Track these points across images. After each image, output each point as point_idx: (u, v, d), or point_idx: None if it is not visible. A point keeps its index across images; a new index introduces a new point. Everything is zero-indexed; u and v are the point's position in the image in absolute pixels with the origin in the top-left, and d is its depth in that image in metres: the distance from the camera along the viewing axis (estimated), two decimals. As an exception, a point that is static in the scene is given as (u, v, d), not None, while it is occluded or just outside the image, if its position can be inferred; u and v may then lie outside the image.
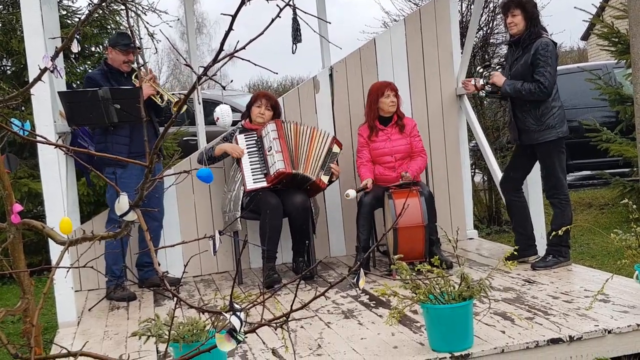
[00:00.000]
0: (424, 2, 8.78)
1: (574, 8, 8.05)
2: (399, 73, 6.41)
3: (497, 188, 6.58)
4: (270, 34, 1.91)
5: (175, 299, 1.97)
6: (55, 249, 4.43)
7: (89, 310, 5.15)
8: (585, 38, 23.08)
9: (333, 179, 5.71)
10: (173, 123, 1.90)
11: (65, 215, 4.57)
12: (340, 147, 5.72)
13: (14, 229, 2.48)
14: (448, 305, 3.49)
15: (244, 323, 1.78)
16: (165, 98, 5.40)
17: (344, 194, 5.44)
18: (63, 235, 2.30)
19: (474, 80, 5.42)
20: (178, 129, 9.20)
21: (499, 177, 6.15)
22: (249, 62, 1.95)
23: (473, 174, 7.84)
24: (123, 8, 8.68)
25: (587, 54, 23.74)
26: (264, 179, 5.47)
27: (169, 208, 5.88)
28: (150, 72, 5.58)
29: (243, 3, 1.78)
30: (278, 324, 1.95)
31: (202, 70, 1.81)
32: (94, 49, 8.83)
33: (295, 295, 2.04)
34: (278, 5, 1.80)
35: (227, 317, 1.77)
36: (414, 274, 3.61)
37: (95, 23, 8.56)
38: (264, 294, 2.07)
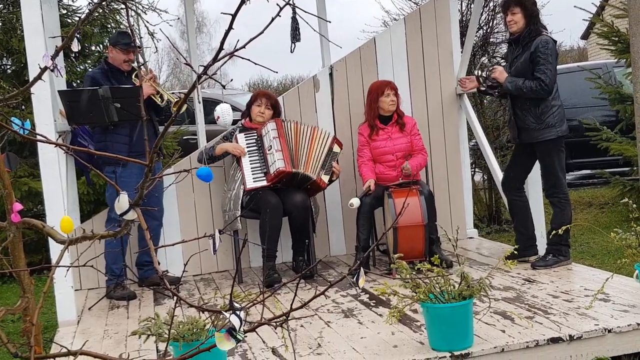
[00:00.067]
0: (424, 1, 8.75)
1: (574, 7, 8.06)
2: (399, 72, 6.40)
3: (497, 187, 6.58)
4: (270, 33, 1.91)
5: (175, 298, 1.97)
6: (55, 248, 4.43)
7: (89, 309, 5.15)
8: (585, 37, 23.06)
9: (333, 178, 5.71)
10: (173, 122, 1.89)
11: (66, 214, 4.57)
12: (341, 146, 5.72)
13: (14, 228, 2.48)
14: (448, 305, 3.49)
15: (244, 322, 1.78)
16: (165, 98, 5.40)
17: (348, 204, 5.42)
18: (63, 234, 2.30)
19: (477, 71, 5.40)
20: (178, 128, 9.20)
21: (499, 176, 6.15)
22: (249, 61, 1.95)
23: (473, 173, 7.84)
24: (123, 7, 8.68)
25: (587, 53, 23.74)
26: (264, 178, 5.47)
27: (169, 207, 5.88)
28: (150, 71, 5.58)
29: (243, 2, 1.78)
30: (278, 323, 1.95)
31: (202, 69, 1.81)
32: (94, 48, 8.82)
33: (295, 294, 2.04)
34: (278, 5, 1.80)
35: (227, 316, 1.77)
36: (414, 273, 3.60)
37: (96, 22, 8.56)
38: (264, 293, 2.07)
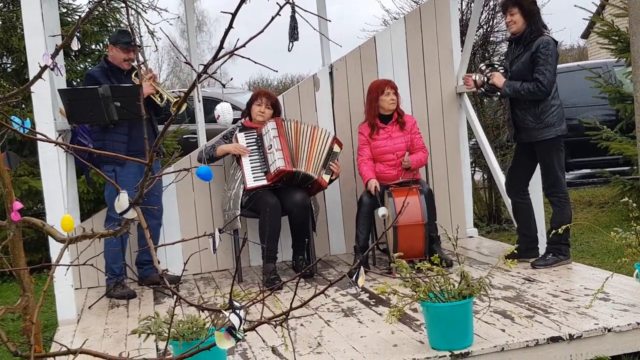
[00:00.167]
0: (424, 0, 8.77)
1: (574, 6, 8.05)
2: (399, 71, 6.40)
3: (497, 186, 6.58)
4: (270, 32, 1.91)
5: (175, 297, 1.97)
6: (55, 247, 4.43)
7: (89, 308, 5.15)
8: (586, 36, 23.05)
9: (333, 178, 5.71)
10: (173, 121, 1.89)
11: (66, 213, 4.57)
12: (341, 146, 5.72)
13: (14, 227, 2.48)
14: (448, 304, 3.49)
15: (244, 321, 1.78)
16: (165, 97, 5.39)
17: (380, 216, 5.29)
18: (63, 233, 2.30)
19: (475, 76, 5.42)
20: (178, 127, 9.19)
21: (499, 175, 6.15)
22: (249, 60, 1.95)
23: (473, 172, 7.84)
24: (123, 6, 8.68)
25: (587, 52, 23.72)
26: (264, 177, 5.47)
27: (169, 206, 5.88)
28: (150, 71, 5.58)
29: (243, 1, 1.78)
30: (278, 322, 1.95)
31: (202, 68, 1.81)
32: (94, 47, 8.82)
33: (295, 293, 2.04)
34: (278, 4, 1.80)
35: (226, 315, 1.77)
36: (414, 272, 3.60)
37: (96, 21, 8.55)
38: (264, 292, 2.07)
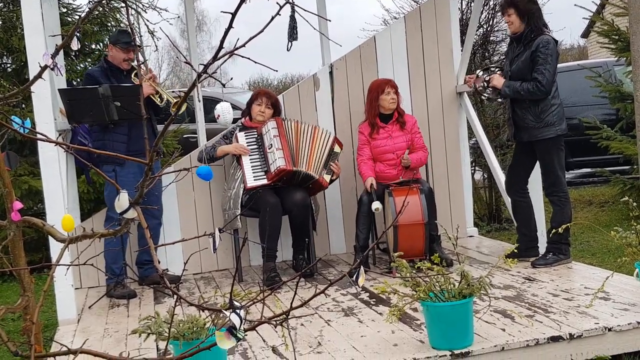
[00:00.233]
0: (424, -1, 8.77)
1: (574, 5, 8.05)
2: (399, 70, 6.40)
3: (497, 186, 6.58)
4: (270, 32, 1.91)
5: (175, 297, 1.97)
6: (56, 247, 4.43)
7: (89, 308, 5.15)
8: (586, 35, 23.05)
9: (334, 178, 5.71)
10: (173, 121, 1.89)
11: (66, 213, 4.57)
12: (341, 146, 5.72)
13: (14, 227, 2.48)
14: (448, 303, 3.49)
15: (244, 320, 1.78)
16: (165, 98, 5.39)
17: (374, 210, 5.32)
18: (63, 233, 2.30)
19: (476, 84, 5.43)
20: (178, 127, 9.19)
21: (499, 174, 6.15)
22: (249, 59, 1.95)
23: (473, 172, 7.84)
24: (123, 5, 8.67)
25: (587, 52, 23.72)
26: (265, 177, 5.47)
27: (169, 205, 5.88)
28: (150, 71, 5.58)
29: (243, 1, 1.78)
30: (278, 322, 1.95)
31: (202, 68, 1.81)
32: (94, 47, 8.82)
33: (295, 293, 2.04)
34: (278, 3, 1.80)
35: (227, 314, 1.77)
36: (414, 272, 3.61)
37: (96, 21, 8.55)
38: (264, 292, 2.07)
